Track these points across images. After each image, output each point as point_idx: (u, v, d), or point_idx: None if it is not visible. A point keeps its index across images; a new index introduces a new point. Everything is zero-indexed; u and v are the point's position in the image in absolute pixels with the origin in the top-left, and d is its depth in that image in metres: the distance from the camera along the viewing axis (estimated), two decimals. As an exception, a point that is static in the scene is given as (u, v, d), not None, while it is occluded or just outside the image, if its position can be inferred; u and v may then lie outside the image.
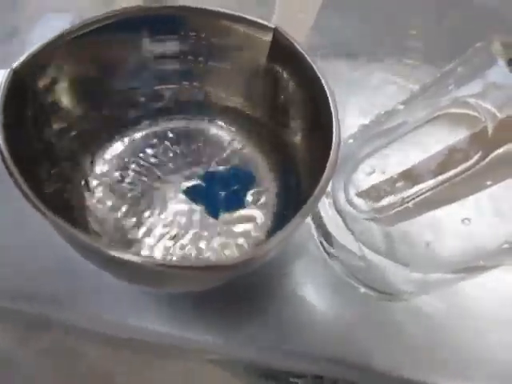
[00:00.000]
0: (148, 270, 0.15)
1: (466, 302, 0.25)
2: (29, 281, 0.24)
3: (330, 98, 0.19)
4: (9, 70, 0.19)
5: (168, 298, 0.24)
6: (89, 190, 0.24)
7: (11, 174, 0.17)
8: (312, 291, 0.25)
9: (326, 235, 0.25)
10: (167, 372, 0.34)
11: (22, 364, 0.30)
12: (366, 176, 0.22)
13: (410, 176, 0.21)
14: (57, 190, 0.22)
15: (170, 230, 0.23)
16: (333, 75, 0.20)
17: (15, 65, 0.19)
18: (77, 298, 0.24)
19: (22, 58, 0.19)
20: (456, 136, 0.18)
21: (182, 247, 0.23)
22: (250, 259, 0.15)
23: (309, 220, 0.26)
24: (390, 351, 0.23)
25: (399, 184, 0.22)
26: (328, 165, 0.17)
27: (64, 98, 0.22)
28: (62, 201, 0.23)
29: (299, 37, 0.18)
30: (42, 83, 0.20)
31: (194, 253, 0.23)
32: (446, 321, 0.24)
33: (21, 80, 0.19)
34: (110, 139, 0.25)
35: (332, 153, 0.17)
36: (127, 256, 0.14)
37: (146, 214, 0.24)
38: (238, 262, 0.15)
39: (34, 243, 0.24)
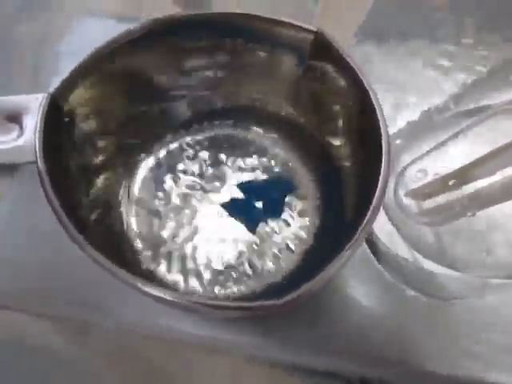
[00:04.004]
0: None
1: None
2: (70, 290, 0.23)
3: (377, 110, 0.17)
4: (46, 94, 0.18)
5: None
6: (130, 202, 0.24)
7: (57, 215, 0.16)
8: (358, 293, 0.24)
9: (374, 237, 0.24)
10: (216, 369, 0.33)
11: (82, 364, 0.30)
12: (417, 176, 0.21)
13: (466, 173, 0.20)
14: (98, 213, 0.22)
15: (211, 243, 0.23)
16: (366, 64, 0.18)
17: (52, 90, 0.18)
18: (118, 304, 0.23)
19: (58, 83, 0.18)
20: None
21: (228, 265, 0.23)
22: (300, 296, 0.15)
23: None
24: (442, 352, 0.22)
25: (452, 182, 0.21)
26: (377, 194, 0.16)
27: (103, 115, 0.21)
28: (104, 226, 0.22)
29: (345, 38, 0.17)
30: (79, 104, 0.20)
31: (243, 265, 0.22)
32: (497, 319, 0.23)
33: (58, 104, 0.18)
34: (146, 152, 0.25)
35: (381, 180, 0.16)
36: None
37: (185, 226, 0.23)
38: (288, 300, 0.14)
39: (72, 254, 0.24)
